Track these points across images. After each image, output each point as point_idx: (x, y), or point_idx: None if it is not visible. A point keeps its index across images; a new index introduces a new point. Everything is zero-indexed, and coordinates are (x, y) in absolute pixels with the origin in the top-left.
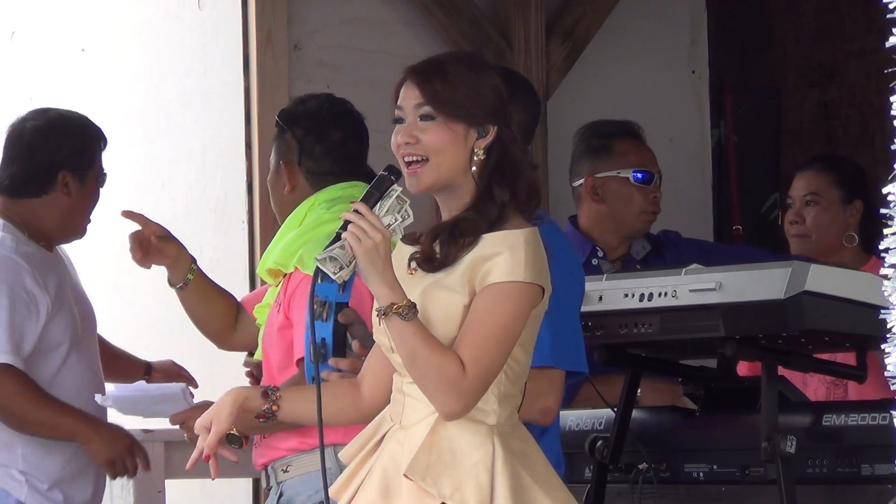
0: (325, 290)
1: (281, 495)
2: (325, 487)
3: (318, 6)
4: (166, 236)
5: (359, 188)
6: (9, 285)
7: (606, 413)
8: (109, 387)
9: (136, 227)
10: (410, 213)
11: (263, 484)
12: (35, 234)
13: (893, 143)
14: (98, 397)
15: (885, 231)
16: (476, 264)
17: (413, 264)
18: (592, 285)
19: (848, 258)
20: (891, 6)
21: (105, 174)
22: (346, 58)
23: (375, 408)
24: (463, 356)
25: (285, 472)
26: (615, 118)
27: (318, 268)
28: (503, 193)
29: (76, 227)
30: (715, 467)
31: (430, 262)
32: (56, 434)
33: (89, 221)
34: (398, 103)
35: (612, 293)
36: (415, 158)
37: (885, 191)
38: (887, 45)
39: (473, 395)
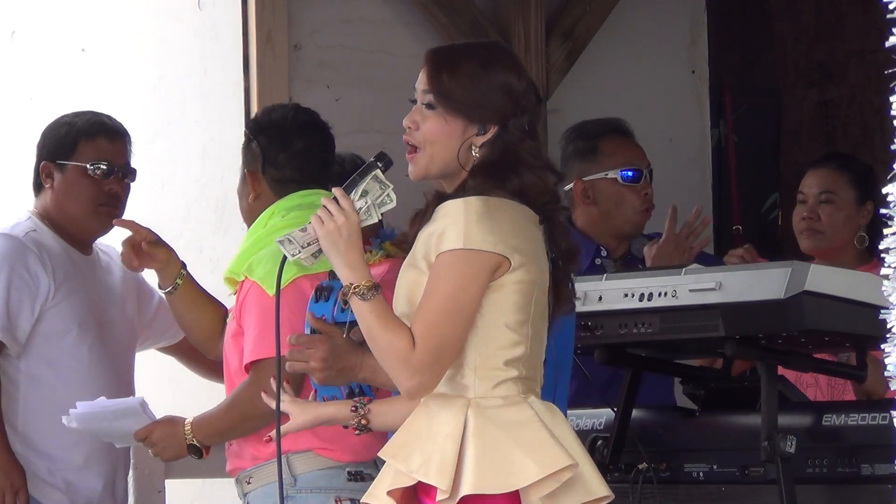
0: (321, 309)
1: None
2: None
3: (318, 6)
4: (157, 241)
5: (320, 196)
6: (10, 263)
7: (606, 413)
8: (79, 405)
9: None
10: (393, 197)
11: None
12: (62, 233)
13: (893, 143)
14: (64, 419)
15: (885, 231)
16: (428, 238)
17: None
18: (592, 285)
19: (851, 259)
20: (891, 6)
21: (110, 166)
22: (346, 58)
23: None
24: (414, 331)
25: (248, 483)
26: (614, 117)
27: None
28: (476, 183)
29: (74, 219)
30: (715, 467)
31: (404, 243)
32: None
33: (107, 215)
34: (416, 84)
35: (612, 293)
36: (411, 144)
37: (885, 191)
38: (887, 44)
39: (427, 370)
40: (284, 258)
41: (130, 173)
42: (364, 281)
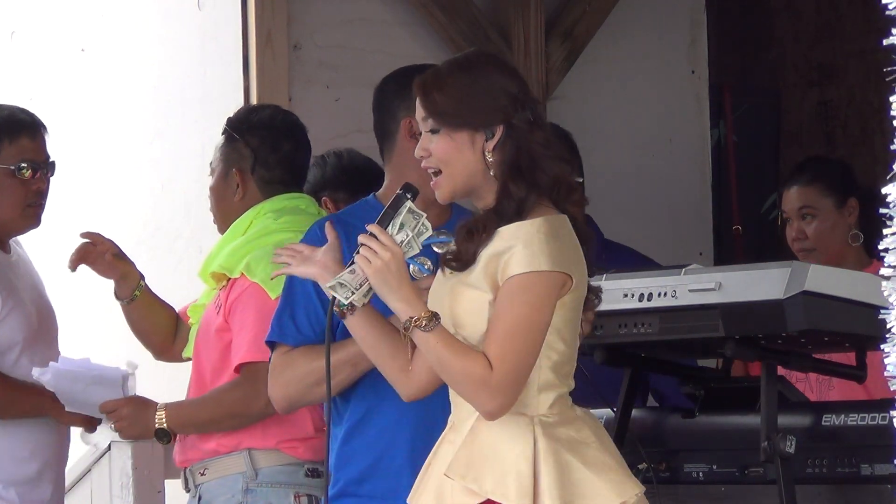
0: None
1: (200, 498)
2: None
3: (317, 6)
4: (120, 255)
5: (304, 200)
6: None
7: (606, 413)
8: (61, 360)
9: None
10: (429, 225)
11: (182, 485)
12: None
13: (893, 143)
14: (35, 371)
15: (885, 231)
16: (493, 259)
17: (446, 267)
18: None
19: (852, 263)
20: (890, 6)
21: (35, 164)
22: (346, 58)
23: (414, 381)
24: (490, 354)
25: (202, 475)
26: (614, 118)
27: (332, 297)
28: (520, 189)
29: (2, 222)
30: (715, 467)
31: (456, 261)
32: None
33: (34, 215)
34: (415, 116)
35: (611, 293)
36: (433, 170)
37: (884, 191)
38: (886, 44)
39: (507, 392)
40: (333, 301)
41: (52, 168)
42: (423, 313)
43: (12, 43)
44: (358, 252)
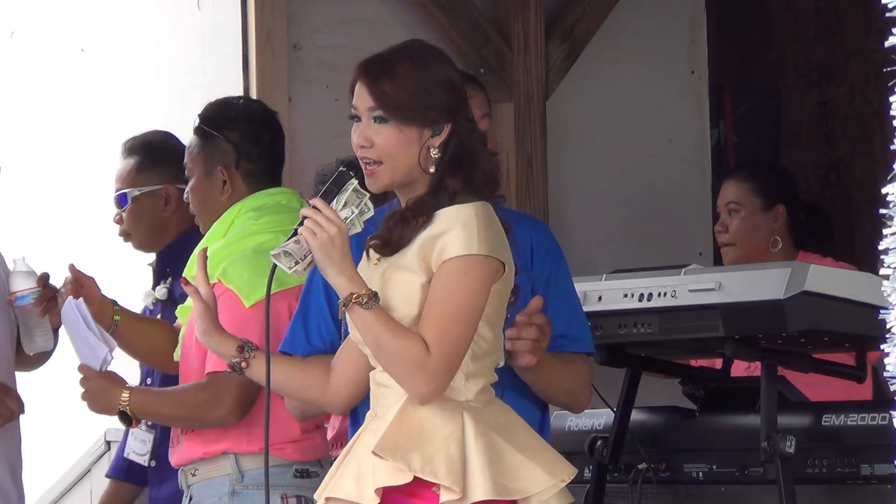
0: None
1: (191, 499)
2: None
3: (317, 6)
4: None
5: (286, 195)
6: None
7: (606, 413)
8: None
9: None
10: (371, 205)
11: (180, 484)
12: None
13: (893, 143)
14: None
15: (885, 231)
16: (429, 241)
17: (373, 253)
18: (592, 285)
19: (778, 259)
20: (890, 6)
21: None
22: (346, 58)
23: (338, 398)
24: (426, 336)
25: (193, 475)
26: (614, 118)
27: (273, 264)
28: (455, 183)
29: None
30: (714, 467)
31: (386, 246)
32: None
33: None
34: (353, 102)
35: (611, 293)
36: (370, 160)
37: (884, 191)
38: (886, 44)
39: (442, 375)
40: (273, 268)
41: None
42: (363, 290)
43: (12, 43)
44: (301, 224)
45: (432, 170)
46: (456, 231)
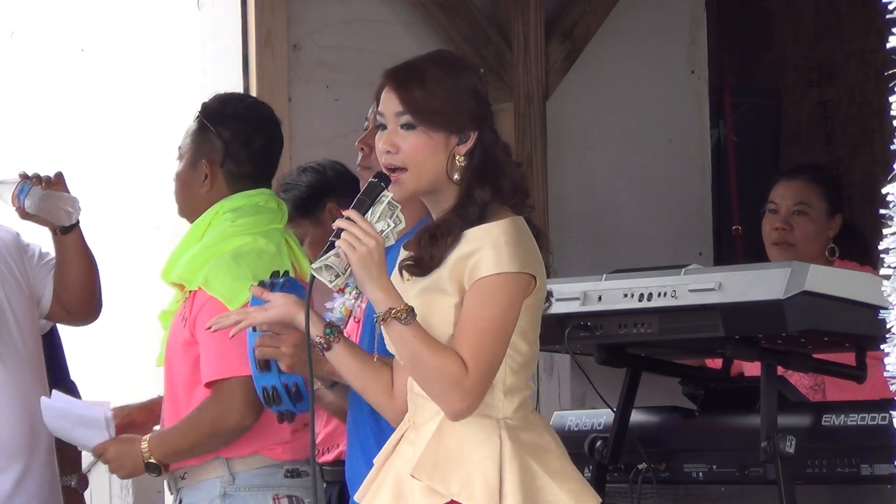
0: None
1: (181, 502)
2: None
3: (317, 6)
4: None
5: (264, 196)
6: None
7: (606, 413)
8: (54, 395)
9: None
10: (402, 218)
11: (166, 489)
12: None
13: (893, 143)
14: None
15: (885, 231)
16: (460, 262)
17: (405, 272)
18: (592, 285)
19: None
20: (890, 6)
21: None
22: (345, 58)
23: (401, 400)
24: (462, 354)
25: (183, 478)
26: (614, 118)
27: (311, 276)
28: (484, 194)
29: None
30: (714, 467)
31: (418, 266)
32: None
33: None
34: (379, 109)
35: (611, 293)
36: (394, 167)
37: (884, 191)
38: (887, 45)
39: (477, 392)
40: (312, 280)
41: None
42: (401, 305)
43: (12, 43)
44: (337, 237)
45: (457, 177)
46: (486, 250)
